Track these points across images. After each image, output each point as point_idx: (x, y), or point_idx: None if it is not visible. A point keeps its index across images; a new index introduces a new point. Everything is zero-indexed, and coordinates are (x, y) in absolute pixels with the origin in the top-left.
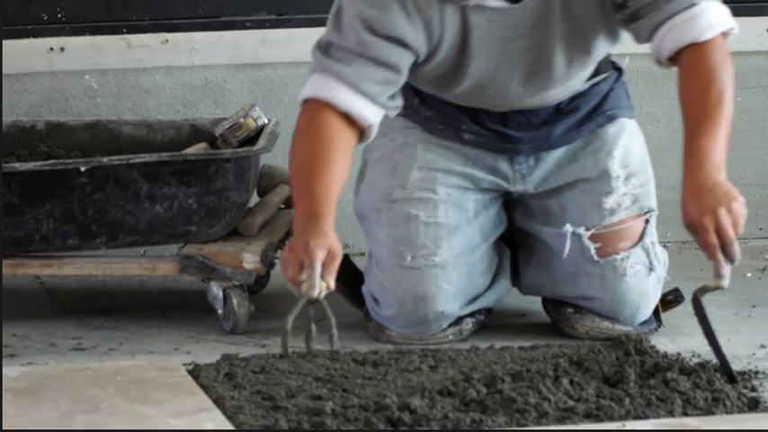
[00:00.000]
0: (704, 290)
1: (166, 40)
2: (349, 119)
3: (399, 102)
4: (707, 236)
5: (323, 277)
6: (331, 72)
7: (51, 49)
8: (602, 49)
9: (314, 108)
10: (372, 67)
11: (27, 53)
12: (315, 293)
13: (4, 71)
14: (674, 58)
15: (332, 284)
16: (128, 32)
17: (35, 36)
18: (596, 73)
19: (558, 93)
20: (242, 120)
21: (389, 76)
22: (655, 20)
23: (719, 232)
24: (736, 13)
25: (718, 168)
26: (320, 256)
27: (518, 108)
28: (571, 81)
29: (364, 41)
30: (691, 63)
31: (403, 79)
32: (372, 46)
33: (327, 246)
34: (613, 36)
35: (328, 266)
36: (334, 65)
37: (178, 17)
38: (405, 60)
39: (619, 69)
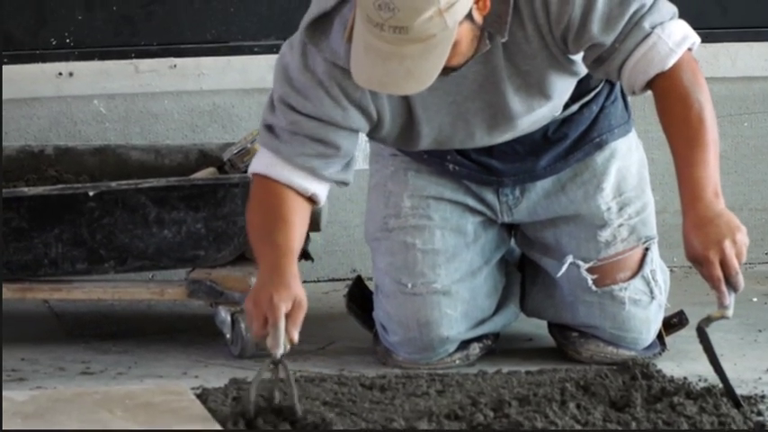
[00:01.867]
0: (708, 320)
1: (175, 65)
2: (293, 189)
3: (349, 176)
4: (712, 269)
5: (287, 331)
6: (271, 148)
7: (60, 73)
8: (564, 86)
9: (261, 181)
10: (308, 143)
11: (36, 78)
12: (279, 353)
13: (13, 96)
14: (647, 87)
15: (296, 338)
16: (136, 57)
17: (44, 61)
18: (586, 90)
19: (537, 125)
20: (250, 145)
21: (326, 150)
22: (616, 62)
23: (724, 264)
24: (742, 38)
25: (716, 195)
26: (284, 309)
27: (495, 144)
28: (545, 117)
29: (294, 121)
30: (663, 93)
31: (344, 153)
32: (302, 124)
33: (292, 297)
34: (573, 74)
35: (293, 318)
36: (274, 141)
37: (186, 42)
38: (340, 137)
39: (611, 82)
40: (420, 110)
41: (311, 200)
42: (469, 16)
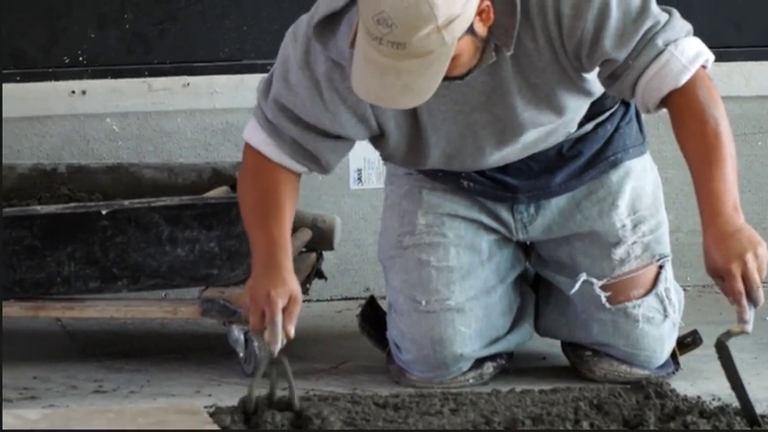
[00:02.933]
0: (728, 335)
1: (188, 84)
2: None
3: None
4: (734, 282)
5: (284, 326)
6: (264, 128)
7: (73, 92)
8: (575, 104)
9: (255, 155)
10: (294, 146)
11: (48, 96)
12: (277, 348)
13: (25, 114)
14: (662, 105)
15: (291, 332)
16: (149, 75)
17: (56, 79)
18: (601, 110)
19: (551, 142)
20: None
21: (309, 158)
22: (630, 79)
23: (746, 278)
24: (758, 56)
25: (736, 210)
26: (281, 305)
27: (508, 162)
28: (558, 134)
29: (282, 126)
30: (678, 110)
31: (325, 164)
32: (290, 131)
33: (288, 293)
34: (584, 92)
35: (290, 313)
36: (267, 125)
37: (199, 60)
38: (324, 149)
39: (627, 103)
40: (426, 116)
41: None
42: (471, 30)
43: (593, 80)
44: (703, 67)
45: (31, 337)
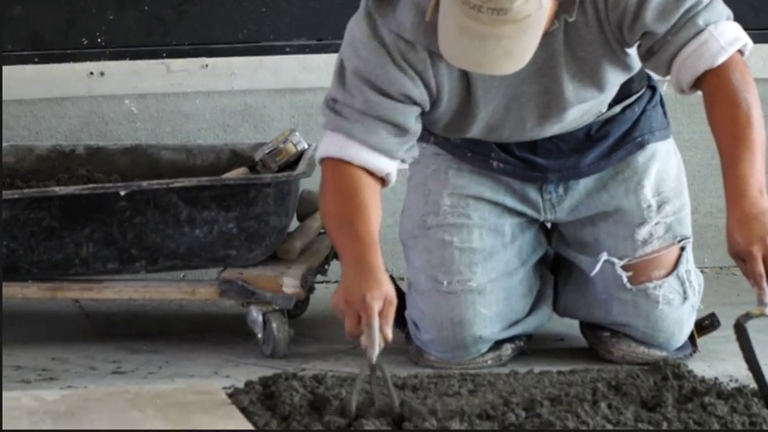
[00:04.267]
0: (748, 316)
1: (206, 65)
2: (367, 170)
3: (415, 152)
4: (755, 264)
5: (381, 330)
6: (341, 130)
7: (91, 73)
8: (617, 80)
9: (333, 164)
10: (379, 124)
11: (67, 78)
12: (375, 353)
13: (44, 96)
14: (696, 86)
15: (389, 336)
16: (167, 57)
17: (75, 61)
18: (628, 93)
19: (582, 121)
20: (282, 145)
21: (397, 131)
22: (667, 54)
23: (767, 260)
24: None
25: (761, 193)
26: (377, 308)
27: (541, 138)
28: (590, 113)
29: (369, 101)
30: (712, 90)
31: (412, 133)
32: (376, 105)
33: (383, 295)
34: (626, 68)
35: (385, 316)
36: (343, 122)
37: (218, 42)
38: (409, 116)
39: (653, 88)
40: (479, 87)
41: (383, 180)
42: None
43: (634, 55)
44: (740, 52)
45: (50, 318)
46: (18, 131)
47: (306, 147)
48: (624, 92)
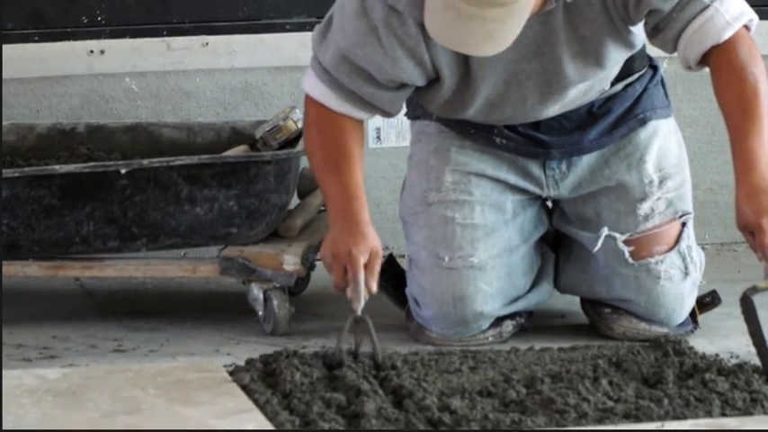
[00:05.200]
0: (754, 290)
1: (206, 43)
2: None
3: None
4: (763, 237)
5: (366, 283)
6: (323, 81)
7: (91, 51)
8: (619, 58)
9: (317, 107)
10: (354, 97)
11: (67, 56)
12: (360, 307)
13: (44, 74)
14: (703, 62)
15: (374, 288)
16: (168, 35)
17: (75, 39)
18: (630, 72)
19: (585, 99)
20: (282, 122)
21: (368, 107)
22: (673, 31)
23: None
24: None
25: None
26: (363, 261)
27: (543, 118)
28: (593, 91)
29: (345, 80)
30: (719, 65)
31: (388, 113)
32: (351, 84)
33: (369, 248)
34: (628, 45)
35: (371, 269)
36: (325, 75)
37: (218, 20)
38: (385, 100)
39: (655, 67)
40: (476, 63)
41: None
42: None
43: (637, 33)
44: (746, 27)
45: (51, 296)
46: (18, 110)
47: None
48: (626, 71)
